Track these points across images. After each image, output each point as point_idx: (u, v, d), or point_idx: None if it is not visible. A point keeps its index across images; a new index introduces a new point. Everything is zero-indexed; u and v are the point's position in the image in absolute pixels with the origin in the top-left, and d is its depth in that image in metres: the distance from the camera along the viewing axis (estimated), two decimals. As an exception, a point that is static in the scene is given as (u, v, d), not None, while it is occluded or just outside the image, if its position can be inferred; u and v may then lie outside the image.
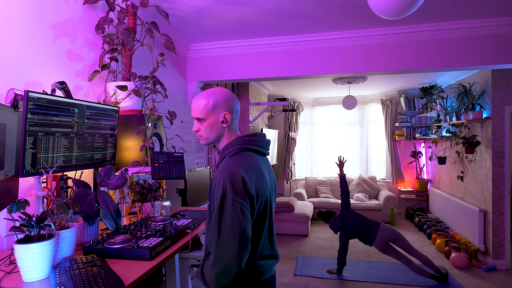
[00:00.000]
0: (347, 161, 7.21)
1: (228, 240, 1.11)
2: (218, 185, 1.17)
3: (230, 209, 1.12)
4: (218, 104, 1.29)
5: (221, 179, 1.16)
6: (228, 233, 1.11)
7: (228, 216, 1.12)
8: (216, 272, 1.12)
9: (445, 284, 3.54)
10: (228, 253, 1.11)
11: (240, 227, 1.12)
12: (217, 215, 1.14)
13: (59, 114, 1.52)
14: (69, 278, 1.12)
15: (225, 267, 1.11)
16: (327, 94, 6.91)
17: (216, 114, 1.29)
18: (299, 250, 4.72)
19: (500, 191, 3.95)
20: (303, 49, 3.39)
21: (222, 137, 1.33)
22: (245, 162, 1.22)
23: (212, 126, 1.30)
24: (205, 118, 1.30)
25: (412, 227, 5.84)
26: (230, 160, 1.23)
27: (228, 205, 1.13)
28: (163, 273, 2.42)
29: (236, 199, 1.13)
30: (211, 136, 1.32)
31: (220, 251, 1.12)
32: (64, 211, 1.22)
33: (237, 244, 1.11)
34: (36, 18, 1.80)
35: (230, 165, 1.20)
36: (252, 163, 1.24)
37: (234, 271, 1.12)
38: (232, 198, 1.13)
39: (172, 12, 2.69)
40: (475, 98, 4.19)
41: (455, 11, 2.78)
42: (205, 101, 1.29)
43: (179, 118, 3.54)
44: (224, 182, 1.15)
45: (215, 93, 1.30)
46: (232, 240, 1.11)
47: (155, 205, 2.09)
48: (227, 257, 1.11)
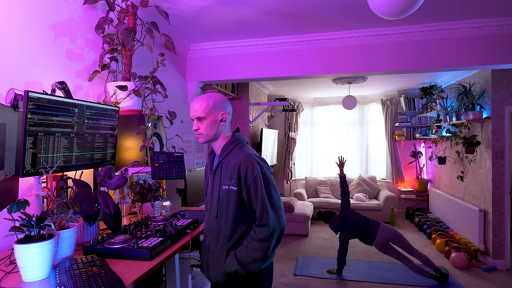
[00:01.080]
0: (347, 161, 7.21)
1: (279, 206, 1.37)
2: (251, 166, 1.38)
3: (272, 182, 1.40)
4: (217, 104, 1.47)
5: (252, 161, 1.39)
6: (277, 201, 1.38)
7: (271, 188, 1.38)
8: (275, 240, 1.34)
9: (445, 284, 3.54)
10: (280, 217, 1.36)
11: (279, 195, 1.41)
12: (262, 190, 1.36)
13: (59, 114, 1.52)
14: (69, 278, 1.12)
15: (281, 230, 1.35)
16: (327, 94, 6.91)
17: (216, 113, 1.47)
18: (299, 250, 4.72)
19: (500, 191, 3.95)
20: (303, 49, 3.39)
21: (219, 135, 1.50)
22: (255, 152, 1.49)
23: (212, 124, 1.46)
24: (205, 117, 1.45)
25: (412, 227, 5.84)
26: (244, 149, 1.45)
27: (268, 180, 1.39)
28: (163, 273, 2.42)
29: (270, 173, 1.41)
30: (210, 133, 1.48)
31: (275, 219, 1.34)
32: (64, 211, 1.22)
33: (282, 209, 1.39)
34: (36, 18, 1.80)
35: (249, 152, 1.43)
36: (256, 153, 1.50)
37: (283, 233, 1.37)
38: (267, 173, 1.40)
39: (172, 12, 2.69)
40: (475, 98, 4.19)
41: (455, 11, 2.78)
42: (205, 102, 1.46)
43: (179, 118, 3.54)
44: (257, 163, 1.40)
45: (213, 96, 1.49)
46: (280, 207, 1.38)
47: (155, 205, 2.09)
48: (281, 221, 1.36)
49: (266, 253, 1.34)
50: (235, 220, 1.41)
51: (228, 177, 1.42)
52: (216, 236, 1.47)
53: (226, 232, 1.43)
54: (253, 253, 1.33)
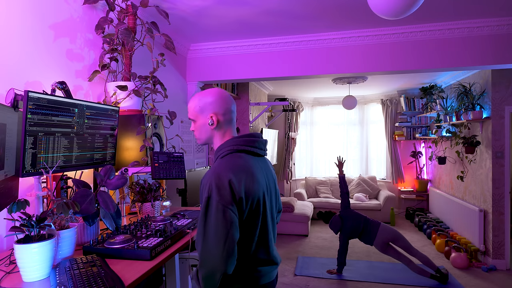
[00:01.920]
0: (347, 161, 7.21)
1: (212, 244, 1.10)
2: (204, 187, 1.16)
3: (214, 213, 1.11)
4: (206, 106, 1.29)
5: (207, 181, 1.15)
6: (212, 237, 1.10)
7: (212, 220, 1.11)
8: (202, 275, 1.12)
9: (445, 284, 3.54)
10: (212, 257, 1.09)
11: (224, 231, 1.10)
12: (202, 218, 1.13)
13: (59, 114, 1.52)
14: (69, 278, 1.12)
15: (210, 271, 1.10)
16: (327, 94, 6.91)
17: (204, 116, 1.29)
18: (299, 250, 4.72)
19: (500, 191, 3.95)
20: (303, 49, 3.39)
21: (213, 138, 1.32)
22: (235, 164, 1.20)
23: (201, 127, 1.31)
24: (195, 120, 1.32)
25: (412, 227, 5.84)
26: (220, 162, 1.22)
27: (212, 209, 1.11)
28: (163, 273, 2.42)
29: (221, 202, 1.11)
30: (202, 137, 1.33)
31: (205, 255, 1.11)
32: (64, 211, 1.22)
33: (220, 248, 1.09)
34: (36, 18, 1.80)
35: (218, 167, 1.18)
36: (243, 164, 1.21)
37: (219, 275, 1.10)
38: (216, 201, 1.11)
39: (172, 12, 2.69)
40: (475, 98, 4.19)
41: (455, 11, 2.78)
42: (194, 103, 1.31)
43: (179, 118, 3.54)
44: (210, 185, 1.14)
45: (205, 95, 1.31)
46: (216, 244, 1.09)
47: (155, 205, 2.09)
48: (212, 261, 1.10)
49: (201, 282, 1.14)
50: None
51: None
52: None
53: None
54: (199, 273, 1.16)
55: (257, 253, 1.24)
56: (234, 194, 1.13)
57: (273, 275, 1.31)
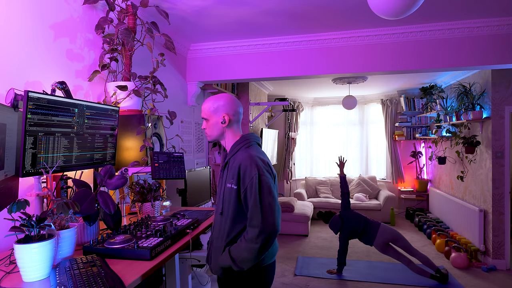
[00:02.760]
0: (347, 161, 7.20)
1: (269, 210, 1.36)
2: (250, 167, 1.40)
3: (266, 185, 1.39)
4: (219, 107, 1.53)
5: (251, 163, 1.41)
6: (269, 205, 1.37)
7: (266, 191, 1.38)
8: (261, 242, 1.33)
9: (445, 284, 3.54)
10: (271, 221, 1.35)
11: (275, 198, 1.40)
12: (256, 192, 1.37)
13: (59, 114, 1.52)
14: (69, 278, 1.12)
15: (270, 234, 1.34)
16: (327, 94, 6.91)
17: (217, 115, 1.53)
18: (299, 250, 4.72)
19: (500, 191, 3.95)
20: (303, 49, 3.39)
21: (223, 135, 1.56)
22: (261, 152, 1.52)
23: (214, 125, 1.55)
24: (208, 119, 1.55)
25: (412, 227, 5.84)
26: (249, 150, 1.47)
27: (264, 182, 1.39)
28: (163, 273, 2.42)
29: (268, 176, 1.41)
30: (213, 133, 1.56)
31: (264, 222, 1.34)
32: (64, 211, 1.22)
33: (275, 212, 1.37)
34: (36, 18, 1.80)
35: (252, 152, 1.45)
36: (263, 153, 1.54)
37: (275, 236, 1.36)
38: (265, 176, 1.40)
39: (172, 12, 2.69)
40: (475, 98, 4.19)
41: (455, 11, 2.78)
42: (210, 103, 1.55)
43: (179, 118, 3.54)
44: (256, 164, 1.41)
45: (218, 98, 1.55)
46: (272, 210, 1.37)
47: (155, 205, 2.09)
48: (270, 225, 1.34)
49: (253, 254, 1.35)
50: (234, 218, 1.46)
51: (231, 176, 1.47)
52: (218, 231, 1.53)
53: (226, 228, 1.48)
54: (242, 252, 1.37)
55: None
56: (272, 171, 1.47)
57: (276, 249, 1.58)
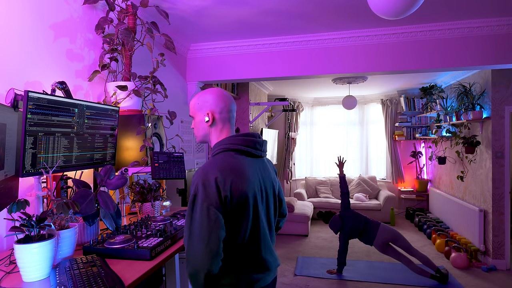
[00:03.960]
0: (347, 161, 7.21)
1: (196, 242, 1.10)
2: (192, 185, 1.17)
3: (199, 211, 1.11)
4: (203, 103, 1.32)
5: (195, 180, 1.16)
6: (197, 235, 1.10)
7: (197, 218, 1.11)
8: (188, 273, 1.12)
9: (445, 284, 3.54)
10: (197, 255, 1.09)
11: (207, 230, 1.10)
12: (188, 216, 1.14)
13: (59, 114, 1.52)
14: (69, 278, 1.12)
15: (194, 269, 1.09)
16: (327, 94, 6.91)
17: (202, 113, 1.32)
18: (299, 250, 4.72)
19: (500, 191, 3.95)
20: (303, 49, 3.39)
21: (209, 135, 1.34)
22: (224, 162, 1.20)
23: (198, 124, 1.34)
24: (193, 117, 1.35)
25: (412, 227, 5.84)
26: (211, 161, 1.22)
27: (197, 207, 1.12)
28: (163, 273, 2.42)
29: (206, 201, 1.11)
30: (198, 134, 1.35)
31: (189, 253, 1.11)
32: (64, 211, 1.22)
33: (204, 247, 1.09)
34: (36, 18, 1.80)
35: (207, 166, 1.18)
36: (233, 163, 1.20)
37: (203, 274, 1.09)
38: (202, 199, 1.12)
39: (172, 12, 2.69)
40: (475, 98, 4.19)
41: (455, 11, 2.78)
42: (194, 100, 1.35)
43: (179, 118, 3.54)
44: (197, 183, 1.15)
45: (204, 94, 1.34)
46: (199, 242, 1.09)
47: (155, 205, 2.09)
48: (195, 259, 1.09)
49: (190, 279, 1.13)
50: None
51: None
52: None
53: None
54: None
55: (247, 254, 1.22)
56: (220, 193, 1.13)
57: (268, 280, 1.28)
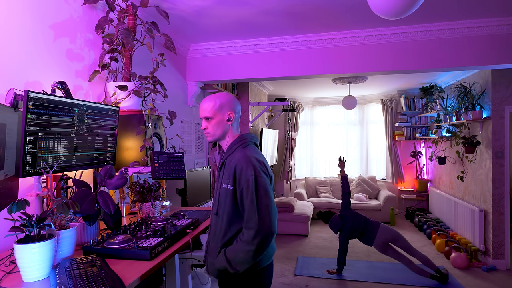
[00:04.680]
0: (347, 161, 7.21)
1: (266, 212, 1.34)
2: (246, 168, 1.38)
3: (263, 186, 1.37)
4: (224, 104, 1.51)
5: (248, 163, 1.39)
6: (266, 207, 1.35)
7: (262, 193, 1.36)
8: (258, 244, 1.32)
9: (445, 284, 3.54)
10: (267, 223, 1.33)
11: (271, 200, 1.37)
12: (252, 193, 1.35)
13: (59, 114, 1.52)
14: (69, 278, 1.12)
15: (266, 235, 1.32)
16: (327, 94, 6.91)
17: (223, 113, 1.51)
18: (299, 250, 4.72)
19: (500, 191, 3.95)
20: (303, 49, 3.39)
21: (226, 134, 1.53)
22: (258, 152, 1.49)
23: (219, 123, 1.51)
24: (213, 117, 1.50)
25: (412, 227, 5.84)
26: (246, 151, 1.46)
27: (261, 183, 1.37)
28: (163, 273, 2.42)
29: (264, 177, 1.39)
30: (217, 132, 1.52)
31: (260, 224, 1.32)
32: (64, 211, 1.22)
33: (271, 214, 1.35)
34: (36, 18, 1.80)
35: (249, 153, 1.43)
36: (260, 153, 1.51)
37: (271, 238, 1.34)
38: (262, 177, 1.38)
39: (172, 12, 2.69)
40: (475, 98, 4.19)
41: (455, 11, 2.78)
42: (212, 102, 1.51)
43: (179, 118, 3.54)
44: (253, 165, 1.39)
45: (220, 96, 1.53)
46: (269, 211, 1.34)
47: (155, 205, 2.09)
48: (267, 226, 1.32)
49: (249, 256, 1.33)
50: (230, 219, 1.44)
51: (227, 176, 1.44)
52: (214, 232, 1.50)
53: (222, 229, 1.46)
54: (238, 254, 1.35)
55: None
56: (268, 172, 1.45)
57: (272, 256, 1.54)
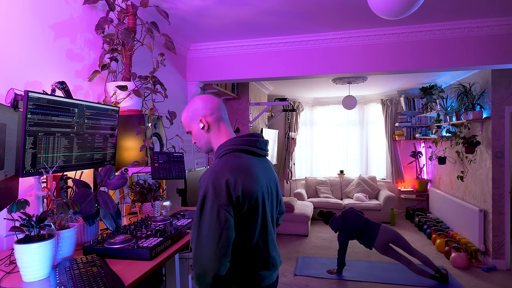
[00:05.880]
0: (347, 161, 7.22)
1: (206, 243, 1.09)
2: (201, 186, 1.16)
3: (209, 212, 1.11)
4: (193, 113, 1.32)
5: (204, 180, 1.15)
6: (206, 236, 1.10)
7: (206, 219, 1.11)
8: (195, 274, 1.11)
9: (445, 284, 3.54)
10: (205, 256, 1.09)
11: (217, 232, 1.09)
12: (197, 217, 1.14)
13: (59, 114, 1.52)
14: (69, 278, 1.12)
15: (202, 270, 1.09)
16: (327, 94, 6.91)
17: (195, 123, 1.32)
18: (299, 250, 4.72)
19: (500, 191, 3.95)
20: (303, 49, 3.39)
21: (210, 141, 1.33)
22: (233, 163, 1.20)
23: (197, 135, 1.34)
24: (190, 130, 1.35)
25: (412, 227, 5.84)
26: (218, 162, 1.21)
27: (207, 208, 1.11)
28: (163, 273, 2.42)
29: (216, 202, 1.11)
30: (201, 144, 1.35)
31: (198, 254, 1.11)
32: (64, 211, 1.22)
33: (213, 248, 1.09)
34: (36, 18, 1.80)
35: (216, 167, 1.18)
36: (241, 163, 1.21)
37: (211, 275, 1.09)
38: (212, 200, 1.11)
39: (172, 12, 2.69)
40: (475, 98, 4.19)
41: (455, 11, 2.78)
42: (185, 114, 1.35)
43: (179, 118, 3.54)
44: (206, 184, 1.14)
45: (190, 105, 1.34)
46: (208, 244, 1.09)
47: (155, 205, 2.09)
48: (204, 260, 1.09)
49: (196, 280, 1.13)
50: None
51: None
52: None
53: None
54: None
55: (257, 254, 1.23)
56: (230, 194, 1.13)
57: (274, 277, 1.30)
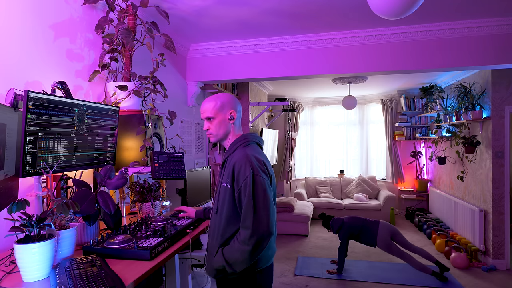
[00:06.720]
0: (347, 161, 7.22)
1: (263, 212, 1.31)
2: (244, 167, 1.36)
3: (261, 186, 1.34)
4: (225, 104, 1.51)
5: (246, 162, 1.37)
6: (263, 206, 1.32)
7: (260, 192, 1.33)
8: (254, 244, 1.29)
9: (445, 282, 3.55)
10: (264, 223, 1.30)
11: (269, 199, 1.34)
12: (250, 192, 1.33)
13: (59, 114, 1.52)
14: (69, 278, 1.12)
15: (262, 236, 1.29)
16: (327, 94, 6.91)
17: (224, 112, 1.50)
18: (299, 250, 4.72)
19: (500, 191, 3.95)
20: (303, 49, 3.39)
21: (229, 133, 1.53)
22: (258, 151, 1.49)
23: (221, 123, 1.51)
24: (214, 117, 1.50)
25: (412, 227, 5.84)
26: (246, 149, 1.44)
27: (258, 182, 1.34)
28: (163, 273, 2.42)
29: (263, 176, 1.37)
30: (220, 132, 1.52)
31: (257, 223, 1.30)
32: (64, 211, 1.22)
33: (269, 214, 1.32)
34: (36, 18, 1.80)
35: (248, 152, 1.41)
36: (261, 152, 1.51)
37: (268, 239, 1.31)
38: (260, 176, 1.36)
39: (172, 12, 2.69)
40: (475, 98, 4.19)
41: (455, 11, 2.78)
42: (213, 102, 1.51)
43: (179, 118, 3.54)
44: (251, 164, 1.37)
45: (221, 96, 1.53)
46: (266, 211, 1.32)
47: (155, 205, 2.09)
48: (263, 226, 1.30)
49: (245, 256, 1.31)
50: (228, 218, 1.42)
51: (227, 175, 1.43)
52: (213, 231, 1.49)
53: (220, 228, 1.44)
54: (235, 254, 1.33)
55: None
56: (268, 171, 1.42)
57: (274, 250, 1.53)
